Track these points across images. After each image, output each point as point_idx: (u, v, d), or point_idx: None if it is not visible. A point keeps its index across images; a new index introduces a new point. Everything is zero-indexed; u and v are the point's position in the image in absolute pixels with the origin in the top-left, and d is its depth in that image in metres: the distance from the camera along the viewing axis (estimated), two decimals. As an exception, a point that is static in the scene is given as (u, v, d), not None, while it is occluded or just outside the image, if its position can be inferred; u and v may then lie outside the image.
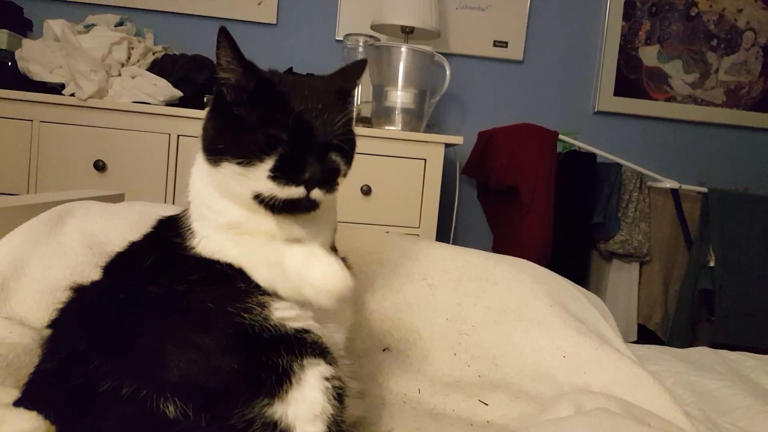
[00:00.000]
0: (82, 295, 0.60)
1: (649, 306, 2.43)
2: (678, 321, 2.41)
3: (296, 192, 0.59)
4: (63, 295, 0.67)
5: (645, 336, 2.39)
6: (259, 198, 0.59)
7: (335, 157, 0.62)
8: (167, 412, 0.46)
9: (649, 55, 2.76)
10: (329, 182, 0.61)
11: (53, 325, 0.58)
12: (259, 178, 0.58)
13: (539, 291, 0.90)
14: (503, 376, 0.78)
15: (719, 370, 1.21)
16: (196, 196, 0.65)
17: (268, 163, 0.58)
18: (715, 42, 2.79)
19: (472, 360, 0.80)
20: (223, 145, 0.60)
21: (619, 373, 0.76)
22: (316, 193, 0.59)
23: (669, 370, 1.16)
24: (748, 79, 2.83)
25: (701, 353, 1.33)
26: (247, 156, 0.58)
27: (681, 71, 2.79)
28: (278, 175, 0.58)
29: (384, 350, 0.81)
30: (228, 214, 0.62)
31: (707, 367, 1.21)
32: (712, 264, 2.36)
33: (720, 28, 2.79)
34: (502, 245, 2.54)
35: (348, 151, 0.64)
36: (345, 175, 0.65)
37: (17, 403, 0.49)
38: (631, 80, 2.75)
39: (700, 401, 1.03)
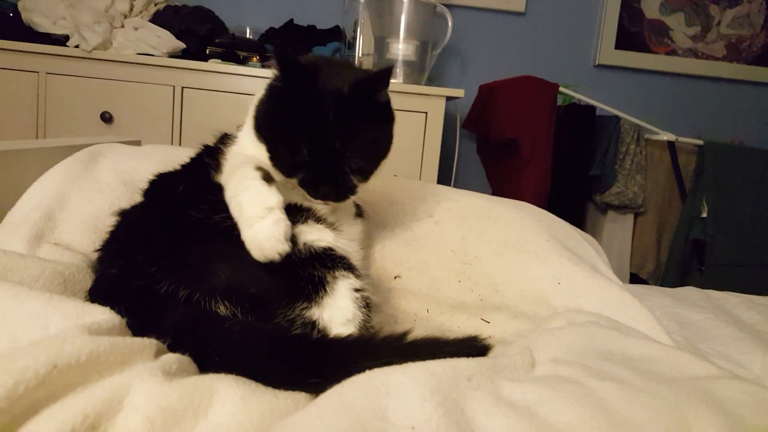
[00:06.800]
0: (130, 217, 0.67)
1: (642, 256, 2.51)
2: (669, 270, 2.50)
3: (315, 202, 0.70)
4: (103, 226, 0.73)
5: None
6: None
7: (351, 176, 0.70)
8: (219, 311, 0.54)
9: (651, 7, 2.75)
10: (343, 196, 0.71)
11: (108, 241, 0.65)
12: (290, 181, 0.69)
13: (537, 227, 0.97)
14: (503, 300, 0.86)
15: (704, 305, 1.29)
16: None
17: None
18: (718, -6, 2.78)
19: (475, 286, 0.88)
20: (266, 135, 0.71)
21: (608, 298, 0.84)
22: (332, 205, 0.72)
23: (657, 305, 1.24)
24: (749, 32, 2.83)
25: (688, 291, 1.42)
26: (275, 163, 0.70)
27: (683, 24, 2.79)
28: (301, 186, 0.69)
29: (395, 278, 0.89)
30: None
31: (693, 303, 1.30)
32: (704, 215, 2.42)
33: (723, -21, 2.77)
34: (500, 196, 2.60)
35: (365, 166, 0.71)
36: (367, 179, 0.73)
37: (87, 303, 0.56)
38: (633, 33, 2.75)
39: (684, 330, 1.12)
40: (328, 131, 0.66)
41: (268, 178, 0.64)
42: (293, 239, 0.61)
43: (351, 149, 0.68)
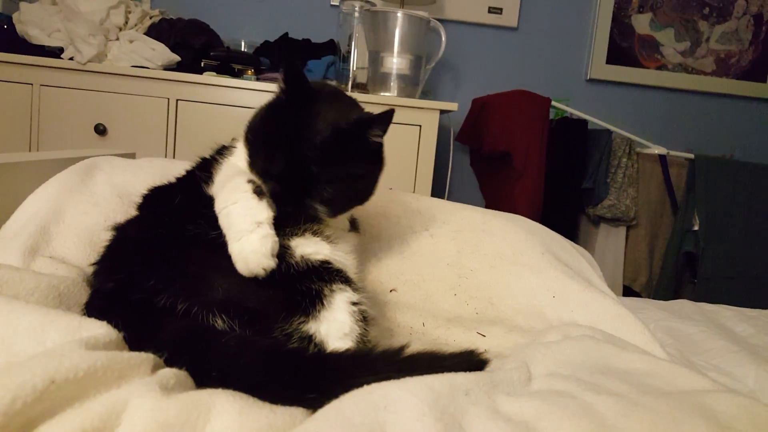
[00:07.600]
0: (126, 231, 0.67)
1: (635, 268, 2.53)
2: (662, 283, 2.52)
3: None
4: (99, 239, 0.73)
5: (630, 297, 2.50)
6: None
7: (318, 206, 0.67)
8: (216, 325, 0.54)
9: (641, 23, 2.80)
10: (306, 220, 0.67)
11: (105, 255, 0.65)
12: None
13: (532, 240, 0.98)
14: (498, 313, 0.86)
15: (697, 318, 1.30)
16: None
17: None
18: (707, 10, 2.83)
19: (470, 299, 0.88)
20: (249, 140, 0.70)
21: (603, 311, 0.84)
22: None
23: (650, 318, 1.25)
24: (738, 48, 2.88)
25: (681, 304, 1.43)
26: (251, 164, 0.69)
27: (672, 39, 2.83)
28: (270, 197, 0.66)
29: (391, 291, 0.89)
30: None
31: (686, 316, 1.31)
32: (696, 228, 2.45)
33: (712, -4, 2.82)
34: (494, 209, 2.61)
35: (336, 201, 0.68)
36: (336, 214, 0.70)
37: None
38: (624, 48, 2.80)
39: (677, 343, 1.12)
40: (310, 151, 0.65)
41: (259, 191, 0.64)
42: (289, 252, 0.62)
43: (328, 178, 0.66)
